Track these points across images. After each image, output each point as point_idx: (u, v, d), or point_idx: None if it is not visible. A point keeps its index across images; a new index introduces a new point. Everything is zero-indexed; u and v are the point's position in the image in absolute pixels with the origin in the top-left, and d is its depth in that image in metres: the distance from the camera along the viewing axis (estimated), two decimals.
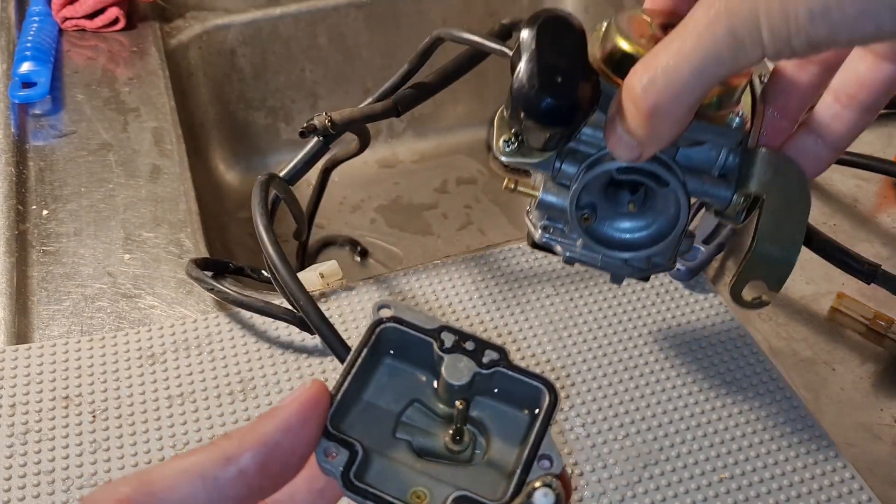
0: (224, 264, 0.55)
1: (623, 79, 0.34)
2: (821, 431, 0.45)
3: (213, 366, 0.48)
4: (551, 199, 0.39)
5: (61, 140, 0.66)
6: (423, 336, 0.31)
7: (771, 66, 0.39)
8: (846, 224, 0.60)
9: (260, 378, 0.48)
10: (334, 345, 0.43)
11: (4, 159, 0.64)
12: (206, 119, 0.86)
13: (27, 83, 0.71)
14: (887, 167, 0.62)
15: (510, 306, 0.52)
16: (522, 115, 0.34)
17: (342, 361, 0.35)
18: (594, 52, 0.37)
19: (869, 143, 0.67)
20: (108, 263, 0.56)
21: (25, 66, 0.71)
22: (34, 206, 0.60)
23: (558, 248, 0.41)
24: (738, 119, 0.35)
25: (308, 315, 0.45)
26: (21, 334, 0.51)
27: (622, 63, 0.35)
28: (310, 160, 0.53)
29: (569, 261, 0.41)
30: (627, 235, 0.40)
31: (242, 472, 0.27)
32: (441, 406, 0.31)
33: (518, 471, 0.28)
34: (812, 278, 0.55)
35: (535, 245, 0.42)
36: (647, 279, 0.42)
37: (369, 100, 0.53)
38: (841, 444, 0.45)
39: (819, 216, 0.60)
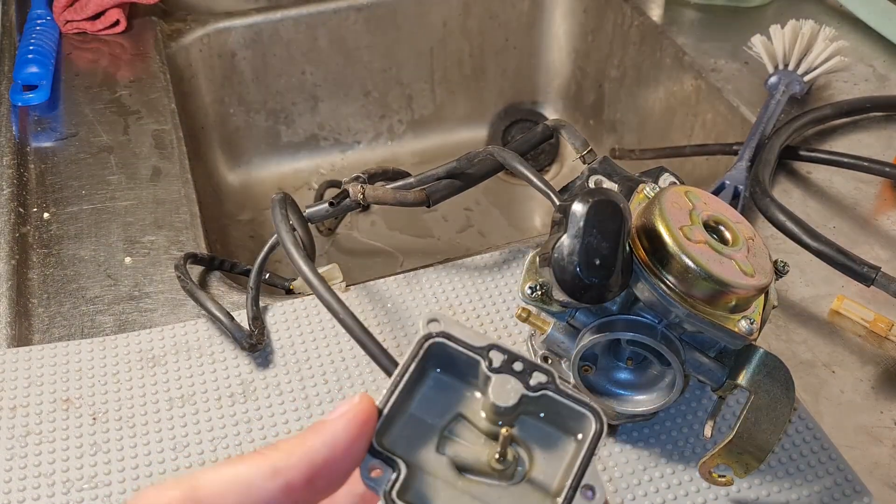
0: (211, 259, 0.56)
1: (652, 250, 0.37)
2: (821, 434, 0.45)
3: (213, 368, 0.48)
4: (559, 337, 0.41)
5: (62, 143, 0.67)
6: (471, 354, 0.31)
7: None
8: (846, 226, 0.60)
9: (260, 380, 0.48)
10: (380, 358, 0.43)
11: (6, 162, 0.64)
12: (207, 122, 0.86)
13: (28, 86, 0.71)
14: (887, 169, 0.62)
15: (510, 308, 0.52)
16: (556, 281, 0.37)
17: (388, 373, 0.35)
18: (633, 215, 0.39)
19: (869, 145, 0.67)
20: (108, 266, 0.56)
21: (27, 69, 0.71)
22: (35, 209, 0.60)
23: None
24: (748, 326, 0.38)
25: (351, 331, 0.44)
26: (22, 336, 0.51)
27: (654, 241, 0.38)
28: (335, 213, 0.54)
29: None
30: (620, 391, 0.42)
31: (289, 485, 0.27)
32: (485, 423, 0.31)
33: (562, 499, 0.28)
34: (812, 281, 0.55)
35: None
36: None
37: (404, 182, 0.54)
38: (841, 447, 0.45)
39: (819, 218, 0.60)
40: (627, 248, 0.37)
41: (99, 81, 0.73)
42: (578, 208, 0.36)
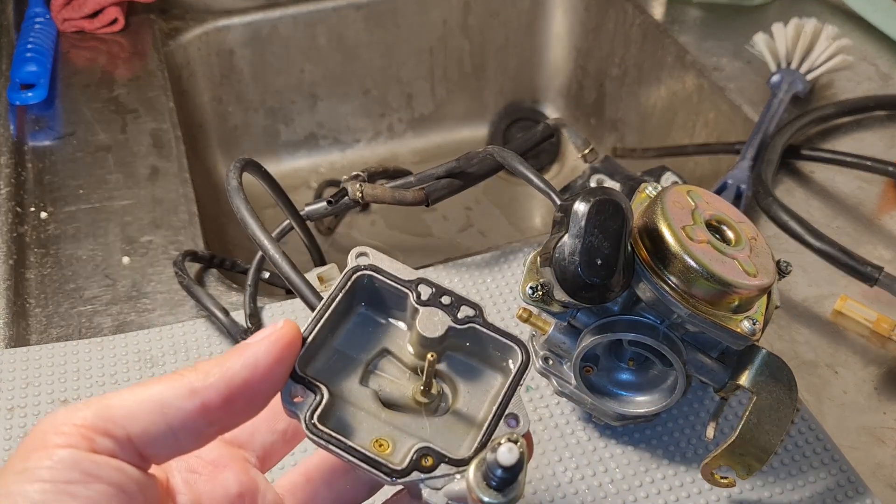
0: (210, 257, 0.55)
1: (654, 250, 0.37)
2: (823, 434, 0.45)
3: None
4: (560, 338, 0.41)
5: (60, 141, 0.66)
6: (400, 287, 0.31)
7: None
8: (849, 226, 0.60)
9: None
10: (305, 292, 0.43)
11: (3, 161, 0.64)
12: (206, 120, 0.86)
13: (26, 85, 0.70)
14: (890, 169, 0.61)
15: (510, 308, 0.52)
16: (557, 281, 0.36)
17: (312, 309, 0.34)
18: (635, 215, 0.39)
19: (872, 144, 0.67)
20: (106, 266, 0.56)
21: (24, 68, 0.71)
22: (32, 208, 0.60)
23: (553, 381, 0.43)
24: (751, 326, 0.37)
25: (281, 270, 0.44)
26: (19, 337, 0.51)
27: (656, 240, 0.37)
28: (334, 212, 0.54)
29: (560, 394, 0.44)
30: (622, 392, 0.42)
31: (205, 405, 0.27)
32: (412, 358, 0.31)
33: (485, 426, 0.28)
34: (815, 281, 0.55)
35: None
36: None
37: (404, 180, 0.54)
38: (844, 448, 0.45)
39: (822, 218, 0.60)
40: (629, 247, 0.37)
41: (97, 80, 0.73)
42: (580, 208, 0.36)
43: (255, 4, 0.85)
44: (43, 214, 0.60)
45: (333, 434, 0.28)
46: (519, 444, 0.25)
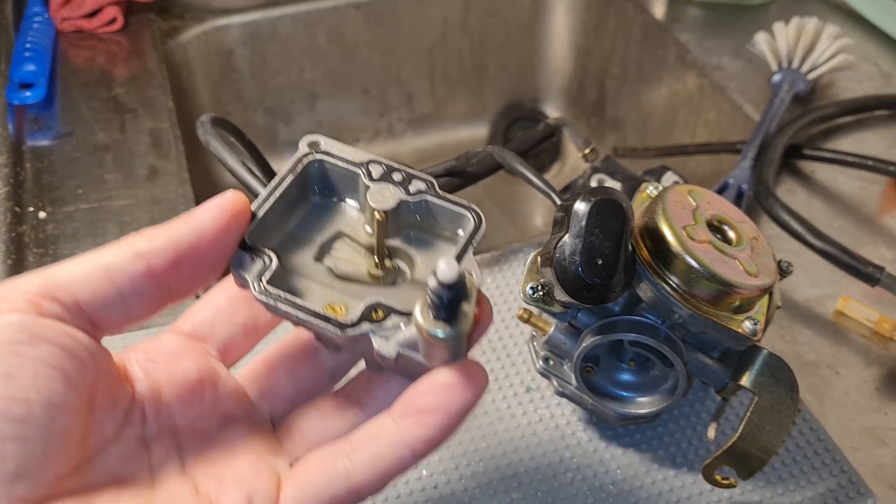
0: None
1: (655, 250, 0.37)
2: (825, 435, 0.45)
3: None
4: (561, 338, 0.41)
5: (59, 141, 0.66)
6: (350, 168, 0.31)
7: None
8: (850, 226, 0.59)
9: None
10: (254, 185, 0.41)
11: (1, 160, 0.63)
12: None
13: (25, 84, 0.70)
14: (892, 168, 0.61)
15: (511, 309, 0.52)
16: (557, 281, 0.36)
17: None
18: (636, 215, 0.39)
19: (874, 144, 0.67)
20: None
21: (23, 67, 0.71)
22: (31, 208, 0.60)
23: (554, 382, 0.43)
24: (752, 326, 0.37)
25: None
26: None
27: (657, 240, 0.37)
28: None
29: (560, 395, 0.43)
30: (623, 392, 0.42)
31: (151, 268, 0.27)
32: (367, 238, 0.31)
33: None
34: (816, 281, 0.55)
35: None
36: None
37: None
38: (845, 448, 0.45)
39: (823, 218, 0.60)
40: (630, 247, 0.37)
41: (95, 79, 0.73)
42: (581, 207, 0.35)
43: (255, 4, 0.85)
44: (41, 214, 0.59)
45: (282, 293, 0.28)
46: (460, 267, 0.25)
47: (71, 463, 0.26)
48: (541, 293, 0.38)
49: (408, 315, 0.27)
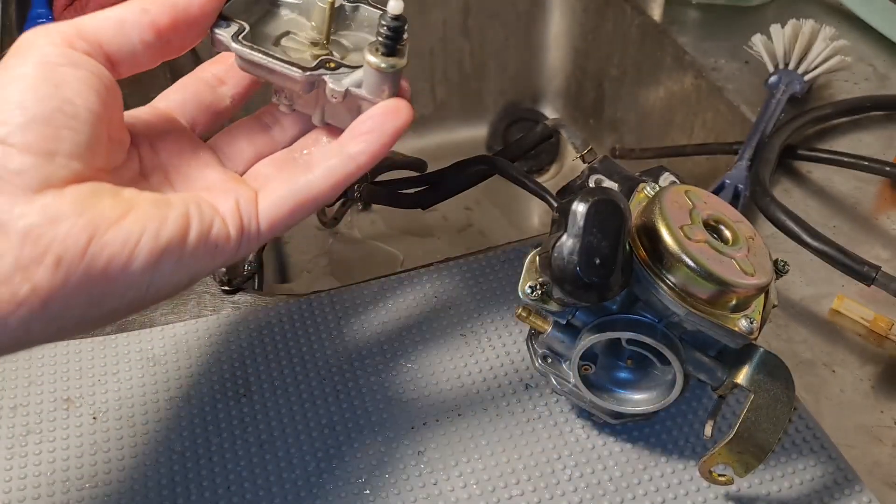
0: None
1: (652, 249, 0.37)
2: (820, 433, 0.45)
3: (213, 367, 0.48)
4: (559, 336, 0.41)
5: None
6: None
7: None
8: (846, 226, 0.60)
9: (260, 380, 0.48)
10: None
11: None
12: None
13: None
14: (887, 169, 0.62)
15: (510, 308, 0.52)
16: (555, 281, 0.37)
17: None
18: (633, 215, 0.39)
19: (869, 144, 0.67)
20: None
21: None
22: None
23: (552, 380, 0.44)
24: (748, 325, 0.38)
25: None
26: None
27: (654, 240, 0.38)
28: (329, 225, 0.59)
29: (558, 392, 0.44)
30: (620, 390, 0.43)
31: (155, 21, 0.34)
32: (310, 34, 0.39)
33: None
34: (812, 280, 0.55)
35: None
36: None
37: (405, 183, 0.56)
38: (841, 446, 0.45)
39: (819, 218, 0.60)
40: (627, 247, 0.37)
41: None
42: (579, 208, 0.36)
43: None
44: None
45: (255, 45, 0.35)
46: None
47: (101, 163, 0.33)
48: (539, 292, 0.39)
49: (351, 68, 0.36)
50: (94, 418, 0.45)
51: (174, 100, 0.40)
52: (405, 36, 0.35)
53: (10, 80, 0.31)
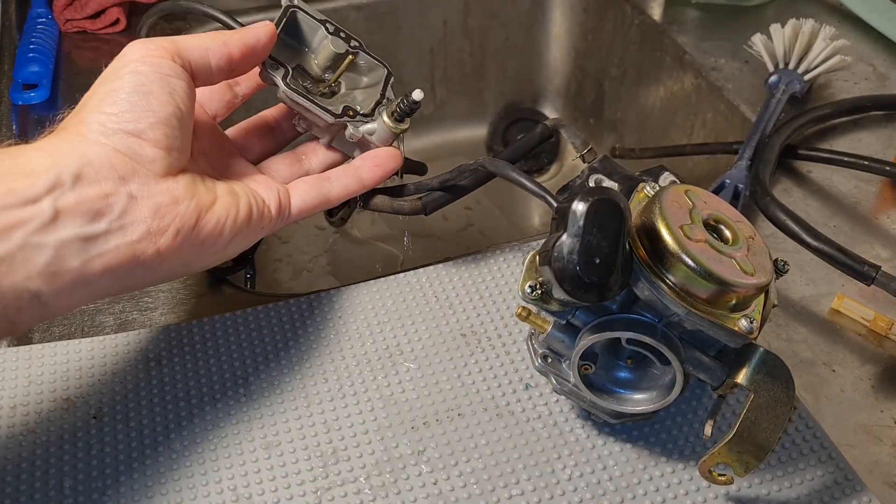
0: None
1: (652, 249, 0.38)
2: (820, 433, 0.45)
3: (214, 367, 0.48)
4: (559, 336, 0.41)
5: None
6: (317, 21, 0.50)
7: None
8: (846, 225, 0.60)
9: (260, 379, 0.48)
10: (230, 23, 0.52)
11: None
12: None
13: (28, 85, 0.71)
14: (887, 168, 0.62)
15: (510, 308, 0.52)
16: (555, 280, 0.37)
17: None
18: (633, 214, 0.39)
19: (869, 144, 0.67)
20: None
21: (27, 68, 0.71)
22: None
23: (552, 379, 0.44)
24: (748, 325, 0.38)
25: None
26: (22, 335, 0.51)
27: (654, 240, 0.38)
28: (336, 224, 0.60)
29: (559, 392, 0.44)
30: (620, 390, 0.43)
31: (230, 54, 0.44)
32: (315, 70, 0.51)
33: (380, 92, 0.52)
34: (812, 279, 0.55)
35: None
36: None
37: (405, 189, 0.56)
38: (841, 446, 0.45)
39: (819, 217, 0.61)
40: (627, 246, 0.37)
41: None
42: (579, 207, 0.36)
43: (257, 5, 0.86)
44: None
45: (299, 89, 0.48)
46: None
47: (188, 155, 0.42)
48: (539, 292, 0.39)
49: (365, 118, 0.50)
50: (94, 418, 0.45)
51: (205, 95, 0.49)
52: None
53: (133, 85, 0.40)
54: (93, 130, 0.39)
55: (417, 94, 0.49)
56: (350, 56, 0.50)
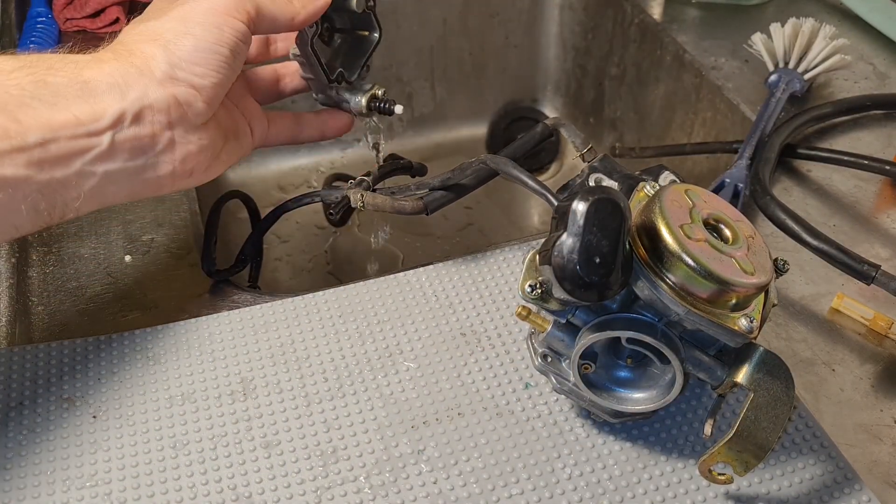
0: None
1: (652, 248, 0.38)
2: (820, 432, 0.45)
3: (213, 366, 0.48)
4: (559, 335, 0.41)
5: None
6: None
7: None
8: (846, 224, 0.60)
9: (260, 378, 0.48)
10: None
11: None
12: None
13: None
14: (887, 168, 0.62)
15: (510, 307, 0.52)
16: (555, 279, 0.37)
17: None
18: (633, 213, 0.40)
19: (869, 143, 0.67)
20: (108, 264, 0.56)
21: None
22: None
23: (552, 378, 0.44)
24: (748, 324, 0.38)
25: None
26: (22, 335, 0.51)
27: (654, 239, 0.38)
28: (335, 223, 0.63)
29: (558, 391, 0.44)
30: (620, 389, 0.43)
31: (294, 18, 0.49)
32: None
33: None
34: (812, 279, 0.55)
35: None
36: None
37: (405, 190, 0.57)
38: (841, 445, 0.45)
39: (819, 217, 0.61)
40: (627, 246, 0.37)
41: None
42: (578, 206, 0.36)
43: None
44: None
45: (318, 51, 0.53)
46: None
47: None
48: (539, 291, 0.39)
49: (349, 82, 0.56)
50: (94, 417, 0.45)
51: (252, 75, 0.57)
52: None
53: (209, 41, 0.44)
54: (161, 69, 0.43)
55: (398, 109, 0.55)
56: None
